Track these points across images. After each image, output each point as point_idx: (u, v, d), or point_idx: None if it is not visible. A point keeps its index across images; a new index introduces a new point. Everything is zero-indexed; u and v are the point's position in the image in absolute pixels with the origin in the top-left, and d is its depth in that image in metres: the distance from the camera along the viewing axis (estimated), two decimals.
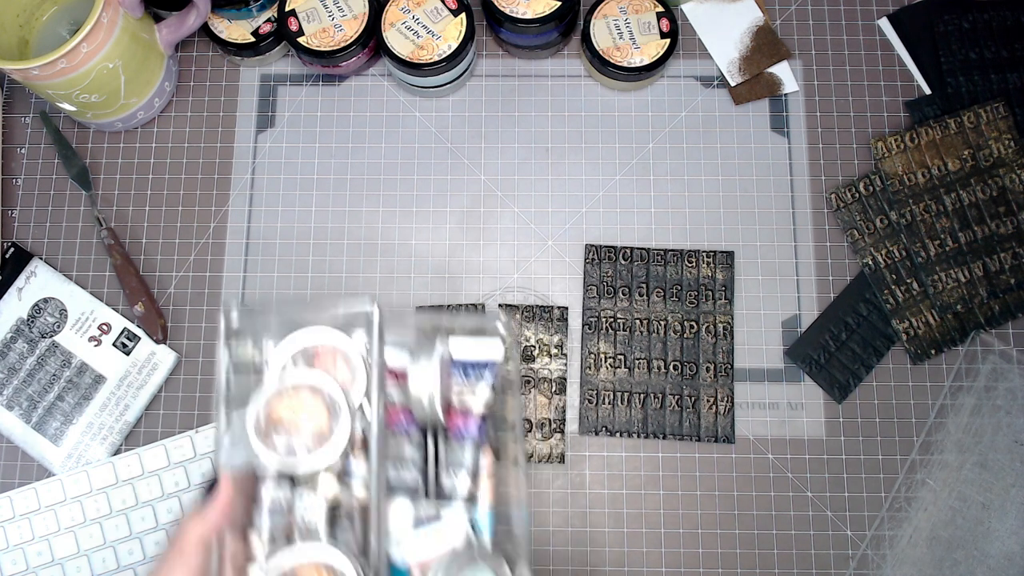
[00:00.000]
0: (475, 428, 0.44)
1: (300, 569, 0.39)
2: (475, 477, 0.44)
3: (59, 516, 0.59)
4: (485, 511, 0.44)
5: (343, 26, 0.62)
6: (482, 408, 0.44)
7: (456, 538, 0.42)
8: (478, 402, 0.44)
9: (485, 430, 0.44)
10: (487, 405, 0.44)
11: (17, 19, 0.61)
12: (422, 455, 0.44)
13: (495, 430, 0.44)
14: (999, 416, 0.59)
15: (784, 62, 0.66)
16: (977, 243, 0.62)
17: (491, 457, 0.44)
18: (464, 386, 0.44)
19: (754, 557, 0.59)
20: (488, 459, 0.44)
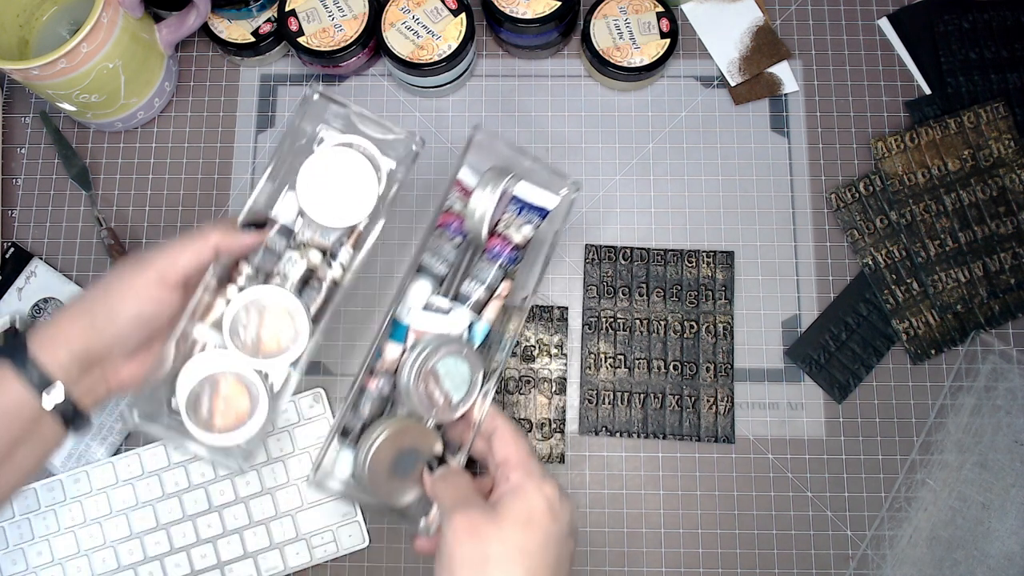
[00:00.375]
0: (506, 255, 0.51)
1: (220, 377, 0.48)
2: (489, 293, 0.51)
3: (59, 516, 0.59)
4: (484, 324, 0.50)
5: (343, 26, 0.62)
6: (519, 242, 0.51)
7: (452, 331, 0.49)
8: (519, 236, 0.51)
9: (513, 260, 0.51)
10: (524, 241, 0.51)
11: (17, 19, 0.61)
12: (456, 258, 0.51)
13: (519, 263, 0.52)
14: (999, 416, 0.59)
15: (784, 62, 0.66)
16: (977, 243, 0.62)
17: (509, 286, 0.51)
18: (513, 220, 0.51)
19: (754, 557, 0.59)
20: (506, 286, 0.51)
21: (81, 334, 0.45)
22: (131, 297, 0.45)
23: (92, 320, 0.45)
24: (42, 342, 0.44)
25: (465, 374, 0.49)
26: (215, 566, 0.59)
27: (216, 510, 0.59)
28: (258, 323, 0.49)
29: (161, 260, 0.46)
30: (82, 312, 0.45)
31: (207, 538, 0.59)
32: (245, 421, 0.48)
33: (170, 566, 0.59)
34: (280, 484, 0.59)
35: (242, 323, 0.48)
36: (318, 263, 0.51)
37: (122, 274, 0.46)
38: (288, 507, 0.59)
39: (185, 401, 0.48)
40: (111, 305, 0.45)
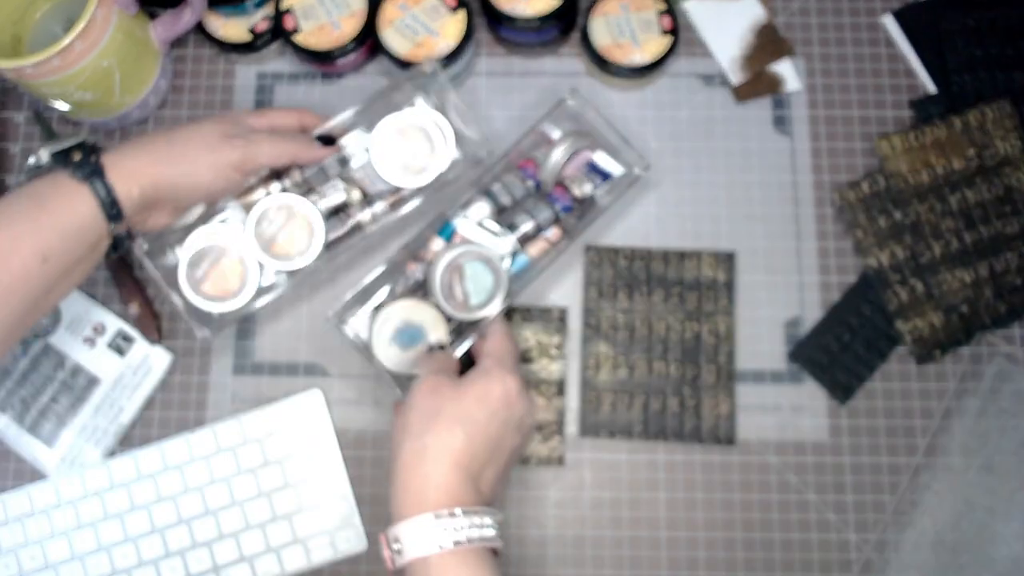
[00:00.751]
0: (563, 203, 0.57)
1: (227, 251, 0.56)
2: (537, 232, 0.57)
3: (53, 519, 0.59)
4: (524, 257, 0.57)
5: (340, 23, 0.61)
6: (577, 195, 0.57)
7: (495, 250, 0.55)
8: (579, 191, 0.57)
9: (567, 209, 0.57)
10: (582, 196, 0.57)
11: (10, 17, 0.61)
12: (520, 196, 0.58)
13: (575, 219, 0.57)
14: (1005, 419, 0.59)
15: (787, 59, 0.65)
16: (983, 243, 0.61)
17: (559, 233, 0.57)
18: (579, 177, 0.57)
19: (756, 561, 0.58)
20: (556, 232, 0.57)
21: (156, 180, 0.49)
22: (211, 173, 0.51)
23: (172, 176, 0.50)
24: (120, 173, 0.47)
25: (488, 285, 0.54)
26: (211, 570, 0.58)
27: (212, 513, 0.59)
28: (280, 225, 0.56)
29: (247, 148, 0.52)
30: (164, 161, 0.50)
31: (203, 542, 0.58)
32: (227, 298, 0.56)
33: (165, 570, 0.58)
34: (277, 487, 0.59)
35: (268, 218, 0.56)
36: (355, 202, 0.58)
37: (210, 144, 0.51)
38: (285, 510, 0.59)
39: (188, 257, 0.55)
40: (192, 172, 0.51)
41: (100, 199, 0.46)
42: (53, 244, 0.44)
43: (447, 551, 0.42)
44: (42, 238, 0.44)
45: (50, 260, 0.44)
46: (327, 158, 0.57)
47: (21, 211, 0.44)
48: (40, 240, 0.44)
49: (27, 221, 0.44)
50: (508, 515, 0.59)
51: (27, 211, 0.44)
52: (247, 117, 0.55)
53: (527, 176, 0.58)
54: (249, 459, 0.59)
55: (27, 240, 0.43)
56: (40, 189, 0.45)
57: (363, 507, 0.60)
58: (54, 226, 0.44)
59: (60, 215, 0.45)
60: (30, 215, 0.44)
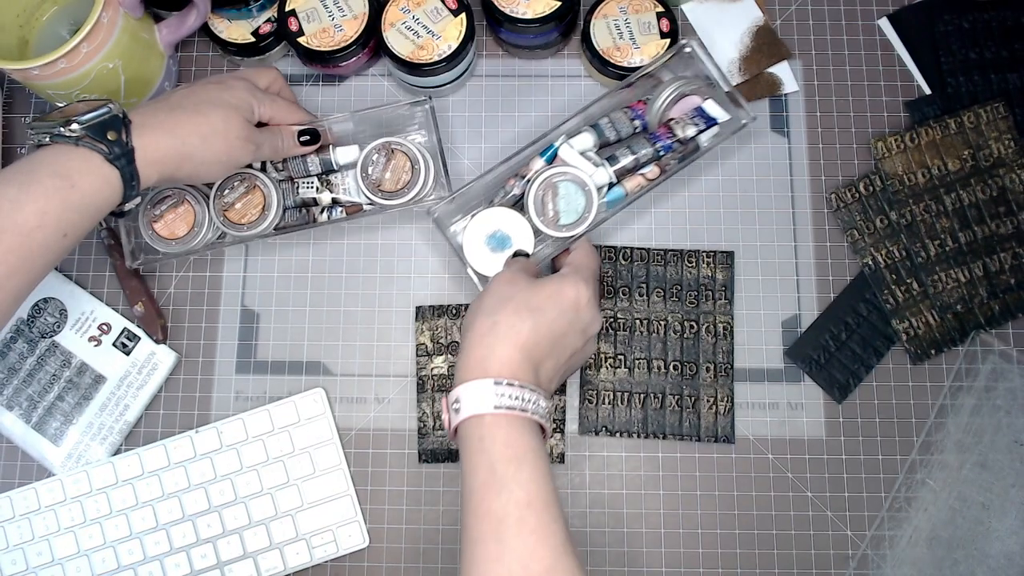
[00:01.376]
0: (664, 142, 0.58)
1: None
2: (636, 168, 0.58)
3: (59, 516, 0.59)
4: (620, 191, 0.58)
5: (343, 26, 0.62)
6: (679, 136, 0.58)
7: (593, 178, 0.57)
8: (681, 131, 0.58)
9: (667, 148, 0.58)
10: (684, 138, 0.58)
11: (17, 19, 0.61)
12: (624, 132, 0.60)
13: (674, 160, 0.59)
14: (999, 416, 0.59)
15: (784, 62, 0.66)
16: (977, 243, 0.61)
17: (658, 171, 0.58)
18: (686, 121, 0.58)
19: (754, 557, 0.59)
20: (654, 170, 0.58)
21: (175, 171, 0.50)
22: (222, 171, 0.53)
23: (191, 170, 0.51)
24: (147, 158, 0.48)
25: (580, 207, 0.57)
26: (215, 566, 0.59)
27: (216, 510, 0.59)
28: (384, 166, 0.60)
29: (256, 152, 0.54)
30: (189, 155, 0.50)
31: (207, 538, 0.59)
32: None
33: (170, 566, 0.59)
34: (280, 484, 0.59)
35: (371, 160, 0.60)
36: (323, 202, 0.61)
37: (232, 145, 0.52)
38: (288, 507, 0.59)
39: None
40: (209, 170, 0.52)
41: (124, 181, 0.47)
42: (75, 221, 0.45)
43: (500, 413, 0.45)
44: (67, 216, 0.45)
45: (69, 235, 0.45)
46: (305, 153, 0.60)
47: (50, 188, 0.44)
48: (64, 218, 0.44)
49: (55, 198, 0.44)
50: None
51: (56, 189, 0.44)
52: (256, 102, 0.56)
53: (635, 116, 0.60)
54: (252, 457, 0.60)
55: (52, 216, 0.44)
56: (71, 166, 0.45)
57: (365, 504, 0.60)
58: (79, 205, 0.45)
59: (87, 195, 0.45)
60: (59, 193, 0.44)
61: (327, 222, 0.61)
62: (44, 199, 0.44)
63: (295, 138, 0.58)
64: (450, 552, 0.60)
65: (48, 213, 0.44)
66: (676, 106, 0.60)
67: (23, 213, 0.43)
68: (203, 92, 0.53)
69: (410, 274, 0.64)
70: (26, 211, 0.43)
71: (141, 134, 0.48)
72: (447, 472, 0.61)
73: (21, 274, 0.44)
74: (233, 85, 0.54)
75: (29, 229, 0.43)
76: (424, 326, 0.62)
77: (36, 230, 0.44)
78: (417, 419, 0.61)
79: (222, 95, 0.53)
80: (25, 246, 0.44)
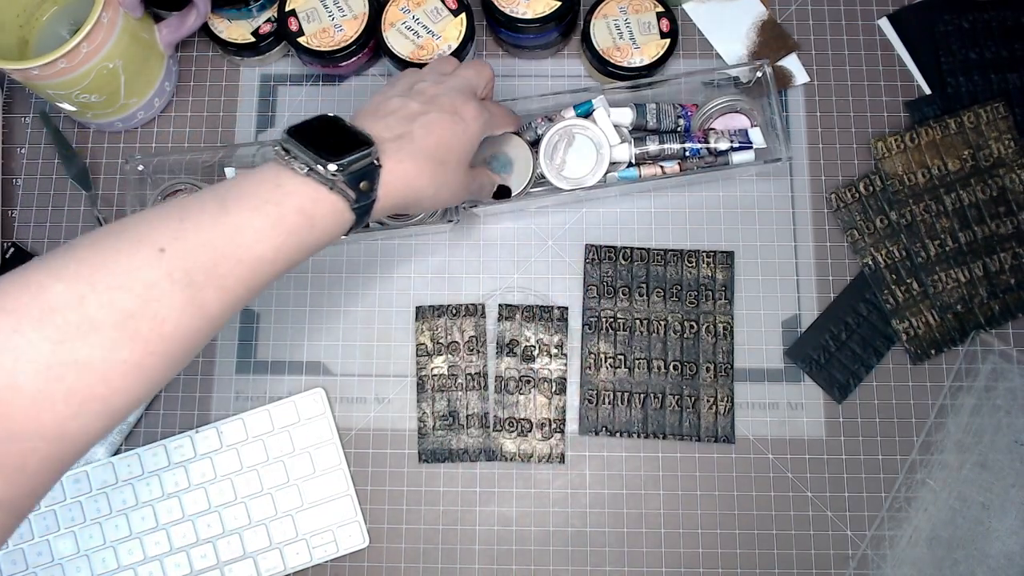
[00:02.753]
0: (693, 144, 0.60)
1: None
2: (658, 158, 0.61)
3: (59, 516, 0.59)
4: (635, 172, 0.60)
5: (343, 26, 0.62)
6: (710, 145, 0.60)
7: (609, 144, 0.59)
8: (713, 141, 0.60)
9: (695, 153, 0.60)
10: (713, 148, 0.60)
11: (17, 19, 0.61)
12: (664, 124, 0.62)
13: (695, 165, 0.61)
14: (999, 416, 0.59)
15: (793, 54, 0.66)
16: (977, 243, 0.62)
17: (678, 170, 0.60)
18: (725, 135, 0.60)
19: (754, 557, 0.59)
20: (675, 167, 0.60)
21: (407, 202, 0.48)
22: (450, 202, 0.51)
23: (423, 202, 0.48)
24: (379, 207, 0.46)
25: (588, 166, 0.59)
26: (215, 566, 0.59)
27: (216, 510, 0.59)
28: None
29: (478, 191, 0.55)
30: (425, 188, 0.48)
31: (207, 538, 0.59)
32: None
33: (170, 566, 0.59)
34: (280, 484, 0.59)
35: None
36: None
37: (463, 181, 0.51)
38: (288, 507, 0.59)
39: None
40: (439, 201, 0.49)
41: (358, 220, 0.45)
42: (301, 257, 0.43)
43: None
44: (295, 256, 0.43)
45: (291, 267, 0.43)
46: None
47: (293, 227, 0.42)
48: (293, 257, 0.43)
49: (294, 237, 0.42)
50: (510, 512, 0.60)
51: (298, 228, 0.42)
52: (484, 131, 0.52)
53: (682, 115, 0.62)
54: (252, 457, 0.60)
55: (285, 253, 0.42)
56: (317, 207, 0.42)
57: (365, 504, 0.60)
58: (309, 244, 0.43)
59: (320, 235, 0.43)
60: (299, 234, 0.42)
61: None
62: (285, 236, 0.42)
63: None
64: (450, 552, 0.60)
65: (282, 250, 0.42)
66: (722, 118, 0.61)
67: (262, 246, 0.41)
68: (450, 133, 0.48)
69: (410, 274, 0.64)
70: (266, 245, 0.41)
71: (385, 181, 0.45)
72: (447, 472, 0.61)
73: (242, 302, 0.42)
74: (471, 121, 0.50)
75: (264, 262, 0.41)
76: (424, 326, 0.62)
77: (269, 264, 0.42)
78: (417, 419, 0.61)
79: (463, 140, 0.49)
80: (256, 278, 0.41)
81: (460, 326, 0.62)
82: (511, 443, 0.61)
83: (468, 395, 0.61)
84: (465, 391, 0.61)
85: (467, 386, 0.61)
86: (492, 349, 0.62)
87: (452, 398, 0.61)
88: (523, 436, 0.61)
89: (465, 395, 0.61)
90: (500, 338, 0.62)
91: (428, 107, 0.48)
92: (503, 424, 0.61)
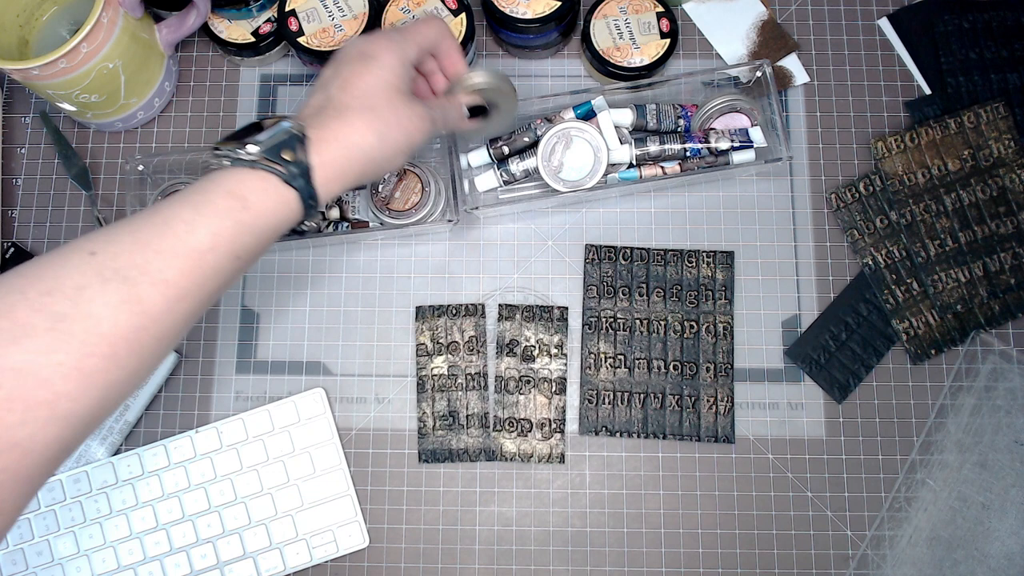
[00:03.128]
0: (693, 144, 0.60)
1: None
2: (659, 158, 0.61)
3: (59, 516, 0.59)
4: (635, 173, 0.60)
5: (343, 26, 0.62)
6: (710, 144, 0.60)
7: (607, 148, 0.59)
8: (713, 141, 0.60)
9: (695, 153, 0.60)
10: (713, 148, 0.60)
11: (17, 19, 0.61)
12: (664, 125, 0.62)
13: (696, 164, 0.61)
14: (999, 416, 0.59)
15: (793, 54, 0.66)
16: (977, 243, 0.62)
17: (678, 170, 0.60)
18: (725, 134, 0.60)
19: (754, 557, 0.59)
20: (676, 167, 0.60)
21: (361, 175, 0.47)
22: (404, 158, 0.49)
23: (375, 170, 0.47)
24: (327, 174, 0.45)
25: (585, 169, 0.59)
26: (215, 566, 0.59)
27: (216, 510, 0.59)
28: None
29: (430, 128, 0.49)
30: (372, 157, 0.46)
31: (207, 538, 0.59)
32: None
33: (170, 566, 0.59)
34: (280, 484, 0.59)
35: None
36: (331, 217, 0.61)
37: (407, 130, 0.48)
38: (288, 507, 0.59)
39: None
40: (392, 160, 0.48)
41: (303, 200, 0.44)
42: (248, 243, 0.43)
43: None
44: (240, 239, 0.43)
45: (242, 258, 0.43)
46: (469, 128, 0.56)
47: (223, 209, 0.42)
48: (238, 240, 0.42)
49: (228, 219, 0.42)
50: (510, 512, 0.60)
51: (230, 210, 0.42)
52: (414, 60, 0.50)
53: (683, 115, 0.62)
54: (252, 457, 0.60)
55: (225, 238, 0.42)
56: (246, 187, 0.43)
57: (365, 504, 0.60)
58: (254, 228, 0.43)
59: (262, 217, 0.43)
60: (233, 215, 0.42)
61: (331, 234, 0.61)
62: (218, 220, 0.42)
63: (463, 111, 0.54)
64: (450, 552, 0.60)
65: (221, 235, 0.42)
66: (723, 117, 0.61)
67: (196, 235, 0.41)
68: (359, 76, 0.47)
69: (410, 274, 0.64)
70: (199, 233, 0.41)
71: (318, 151, 0.44)
72: (447, 472, 0.61)
73: (191, 298, 0.41)
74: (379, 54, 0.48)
75: (202, 251, 0.41)
76: (424, 326, 0.62)
77: (208, 252, 0.41)
78: (417, 419, 0.61)
79: (379, 74, 0.47)
80: (198, 269, 0.41)
81: (460, 326, 0.62)
82: (511, 443, 0.61)
83: (468, 395, 0.61)
84: (465, 391, 0.61)
85: (467, 386, 0.61)
86: (492, 349, 0.62)
87: (452, 398, 0.61)
88: (523, 436, 0.61)
89: (465, 395, 0.61)
90: (500, 338, 0.62)
91: (338, 66, 0.48)
92: (503, 424, 0.61)
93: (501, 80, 0.54)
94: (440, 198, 0.61)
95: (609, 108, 0.60)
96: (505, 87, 0.54)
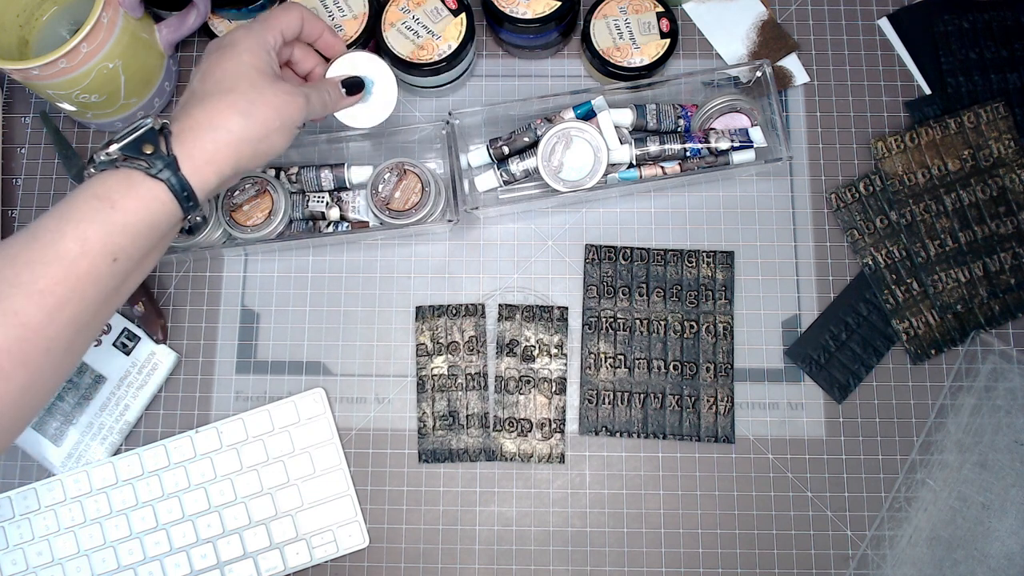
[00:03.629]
0: (693, 144, 0.60)
1: None
2: (659, 158, 0.60)
3: (59, 516, 0.59)
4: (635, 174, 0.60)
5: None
6: (710, 144, 0.60)
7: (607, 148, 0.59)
8: (713, 141, 0.60)
9: (695, 153, 0.60)
10: (714, 148, 0.60)
11: (17, 19, 0.61)
12: (664, 125, 0.62)
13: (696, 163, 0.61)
14: (999, 416, 0.59)
15: (793, 54, 0.66)
16: (977, 243, 0.62)
17: (679, 170, 0.60)
18: (725, 135, 0.60)
19: (754, 557, 0.59)
20: (676, 167, 0.60)
21: (237, 163, 0.46)
22: (284, 138, 0.48)
23: (252, 154, 0.46)
24: (196, 163, 0.44)
25: (585, 170, 0.59)
26: (215, 566, 0.59)
27: (216, 510, 0.59)
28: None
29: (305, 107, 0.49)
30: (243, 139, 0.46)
31: (207, 538, 0.59)
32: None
33: (170, 566, 0.59)
34: (280, 484, 0.59)
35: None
36: (331, 217, 0.61)
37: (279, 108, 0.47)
38: (288, 507, 0.59)
39: None
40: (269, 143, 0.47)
41: (175, 193, 0.44)
42: (123, 244, 0.43)
43: None
44: (112, 239, 0.42)
45: (120, 259, 0.43)
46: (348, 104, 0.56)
47: (88, 212, 0.42)
48: (110, 241, 0.42)
49: (95, 222, 0.42)
50: (510, 512, 0.60)
51: (95, 211, 0.42)
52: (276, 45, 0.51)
53: (682, 115, 0.62)
54: (252, 457, 0.60)
55: (95, 241, 0.42)
56: (109, 186, 0.43)
57: (365, 504, 0.60)
58: (125, 226, 0.43)
59: (131, 214, 0.43)
60: (99, 215, 0.42)
61: (331, 234, 0.61)
62: (84, 224, 0.42)
63: (339, 89, 0.54)
64: (450, 552, 0.60)
65: (90, 239, 0.41)
66: (723, 118, 0.61)
67: (64, 242, 0.41)
68: (217, 64, 0.48)
69: (410, 274, 0.64)
70: (67, 239, 0.41)
71: (182, 140, 0.44)
72: (447, 472, 0.61)
73: (73, 304, 0.41)
74: (236, 41, 0.49)
75: (72, 257, 0.41)
76: (424, 326, 0.62)
77: (80, 257, 0.41)
78: (417, 419, 0.61)
79: (238, 59, 0.48)
80: (72, 275, 0.41)
81: (460, 326, 0.62)
82: (511, 443, 0.61)
83: (468, 395, 0.61)
84: (465, 391, 0.61)
85: (467, 386, 0.61)
86: (492, 349, 0.62)
87: (452, 398, 0.61)
88: (523, 436, 0.61)
89: (465, 395, 0.61)
90: (500, 338, 0.62)
91: (200, 62, 0.49)
92: (503, 424, 0.61)
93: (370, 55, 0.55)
94: (440, 198, 0.61)
95: (609, 108, 0.60)
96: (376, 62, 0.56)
